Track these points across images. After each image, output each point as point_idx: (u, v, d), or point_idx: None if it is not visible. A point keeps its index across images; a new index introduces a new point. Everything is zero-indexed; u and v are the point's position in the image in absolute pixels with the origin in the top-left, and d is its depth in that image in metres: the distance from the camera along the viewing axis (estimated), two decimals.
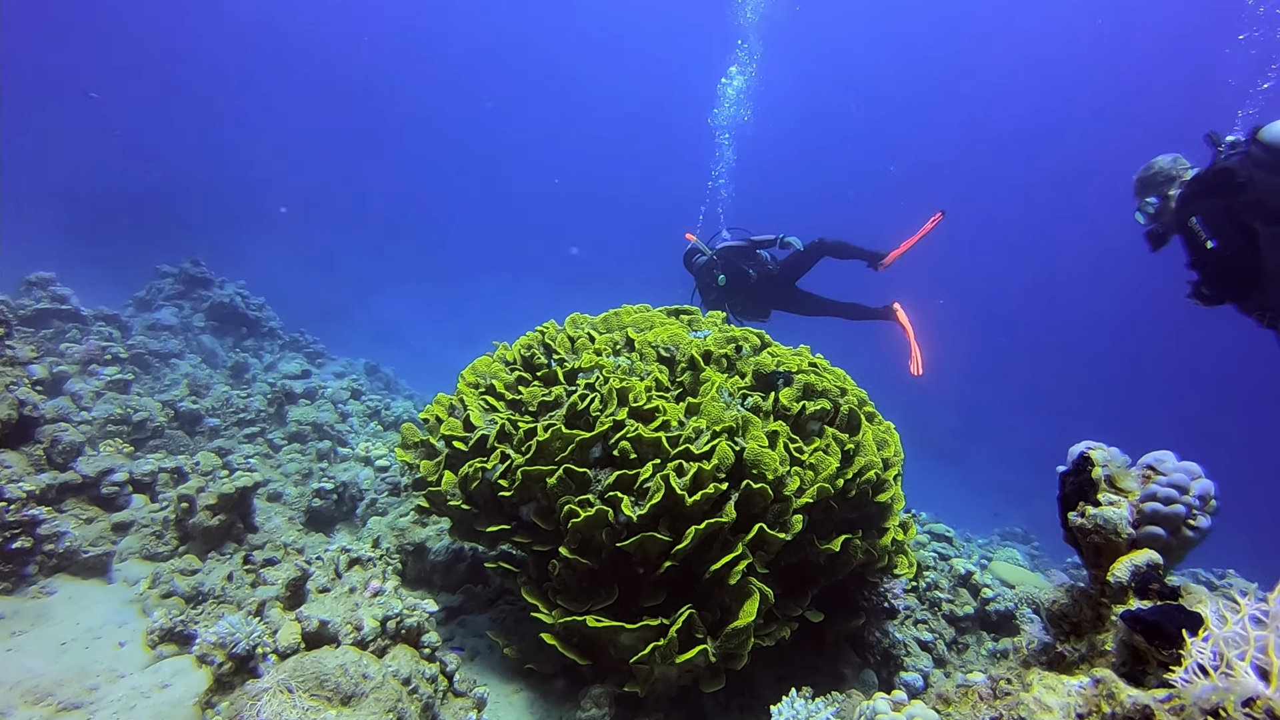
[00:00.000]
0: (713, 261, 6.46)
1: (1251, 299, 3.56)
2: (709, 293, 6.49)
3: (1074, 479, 1.39)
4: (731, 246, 6.52)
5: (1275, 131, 3.45)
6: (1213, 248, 3.47)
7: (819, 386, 3.45)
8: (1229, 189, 3.50)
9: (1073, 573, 8.00)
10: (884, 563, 3.49)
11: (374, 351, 16.24)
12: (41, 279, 7.62)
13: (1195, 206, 3.62)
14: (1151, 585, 1.22)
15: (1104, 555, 1.35)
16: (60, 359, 5.92)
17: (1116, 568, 1.28)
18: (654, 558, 2.94)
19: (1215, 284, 3.68)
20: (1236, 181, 3.46)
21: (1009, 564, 5.61)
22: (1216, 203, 3.54)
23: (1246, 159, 3.53)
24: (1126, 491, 1.36)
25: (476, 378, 3.85)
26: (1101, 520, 1.31)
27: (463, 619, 3.82)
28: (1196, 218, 3.55)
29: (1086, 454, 1.40)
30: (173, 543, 3.74)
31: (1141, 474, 1.40)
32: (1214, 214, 3.52)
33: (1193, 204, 3.66)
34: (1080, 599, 1.38)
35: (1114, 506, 1.32)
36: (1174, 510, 1.30)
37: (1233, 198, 3.48)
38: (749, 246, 6.56)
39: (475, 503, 3.33)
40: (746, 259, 6.52)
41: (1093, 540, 1.34)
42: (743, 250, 6.54)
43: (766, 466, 2.98)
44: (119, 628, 3.03)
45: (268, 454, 5.65)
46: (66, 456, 4.00)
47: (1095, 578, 1.37)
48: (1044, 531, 14.08)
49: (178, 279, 10.63)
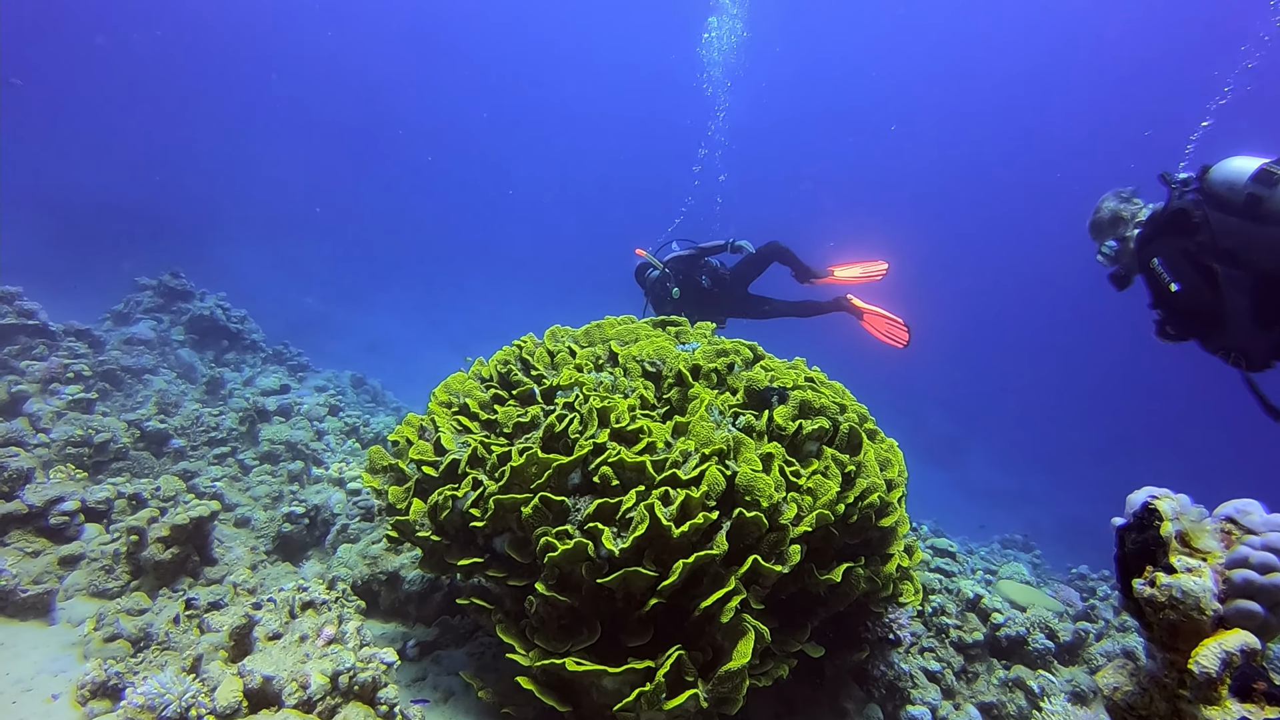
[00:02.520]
0: (665, 274, 6.37)
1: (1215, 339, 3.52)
2: (663, 306, 6.39)
3: (1137, 536, 1.13)
4: (681, 256, 6.47)
5: (1224, 171, 3.40)
6: (1177, 290, 3.43)
7: (816, 403, 3.21)
8: (1185, 230, 3.45)
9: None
10: (888, 591, 3.25)
11: (363, 363, 15.99)
12: (7, 293, 7.33)
13: (1154, 248, 3.57)
14: (1256, 685, 0.96)
15: (1181, 636, 1.09)
16: (20, 378, 5.64)
17: (1201, 655, 1.03)
18: (639, 594, 2.69)
19: (1179, 324, 3.64)
20: (1192, 222, 3.41)
21: (1016, 582, 5.38)
22: (1174, 243, 3.49)
23: (1199, 198, 3.49)
24: (1205, 553, 1.10)
25: (449, 396, 3.60)
26: (1179, 593, 1.05)
27: (437, 655, 3.56)
28: (1158, 259, 3.50)
29: (1152, 505, 1.14)
30: (124, 578, 3.47)
31: (1220, 529, 1.14)
32: (1173, 255, 3.48)
33: (1151, 245, 3.61)
34: (1151, 688, 1.11)
35: (1194, 575, 1.06)
36: (1273, 581, 1.05)
37: (1189, 238, 3.43)
38: (698, 254, 6.50)
39: (446, 533, 3.08)
40: (697, 267, 6.45)
41: (1167, 617, 1.08)
42: (692, 259, 6.47)
43: (760, 493, 2.74)
44: (54, 677, 2.75)
45: (238, 476, 5.37)
46: (12, 484, 3.73)
47: (1171, 663, 1.11)
48: (1043, 537, 13.94)
49: (157, 291, 10.34)
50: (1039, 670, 4.15)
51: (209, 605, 2.78)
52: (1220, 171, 3.43)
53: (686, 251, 6.50)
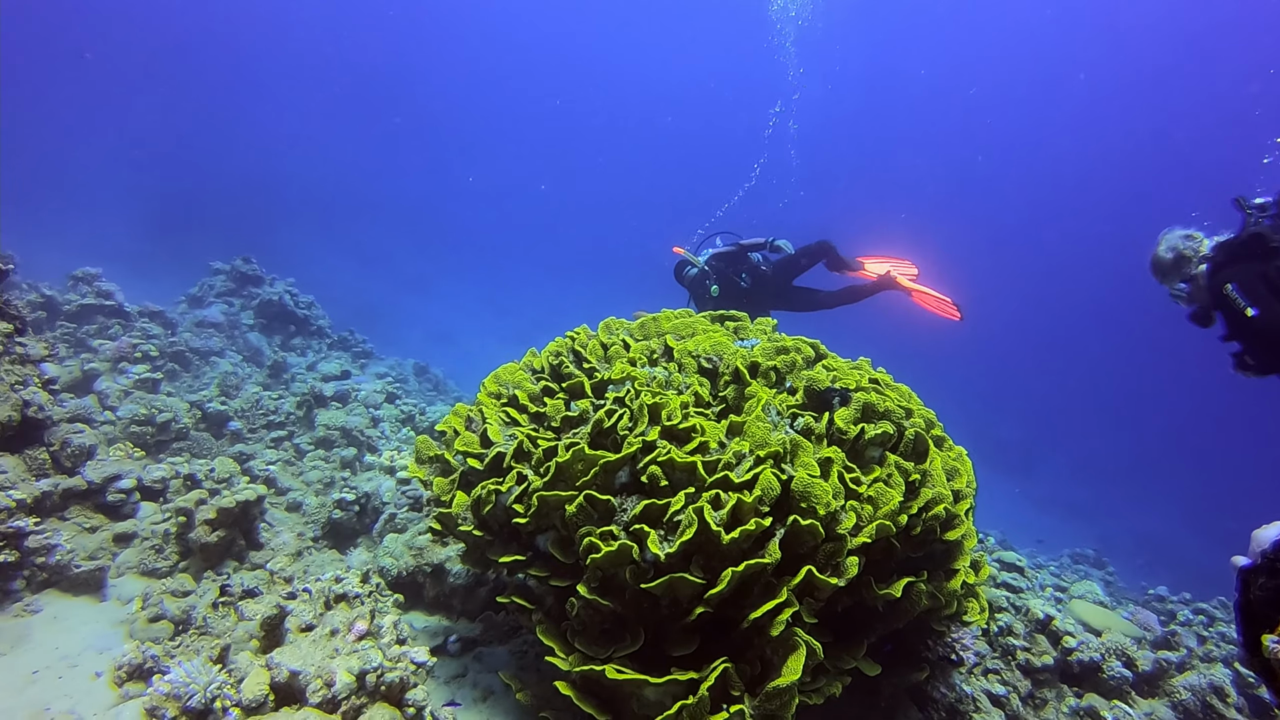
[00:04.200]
0: (704, 272, 6.27)
1: None
2: (704, 304, 6.28)
3: (1268, 581, 0.95)
4: (722, 254, 6.34)
5: None
6: (1254, 315, 3.23)
7: (880, 407, 3.02)
8: (1263, 254, 3.30)
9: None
10: (952, 609, 3.05)
11: (429, 352, 16.21)
12: (88, 274, 7.61)
13: (1228, 274, 3.40)
14: None
15: None
16: (93, 355, 5.82)
17: None
18: (685, 602, 2.57)
19: (1260, 353, 3.43)
20: (1270, 246, 3.27)
21: (1090, 603, 5.06)
22: (1250, 269, 3.32)
23: (1277, 223, 3.35)
24: None
25: (499, 387, 3.52)
26: None
27: (479, 651, 3.50)
28: (1232, 285, 3.34)
29: None
30: (173, 558, 3.50)
31: None
32: (1249, 279, 3.30)
33: (1224, 271, 3.43)
34: None
35: None
36: None
37: (1267, 263, 3.27)
38: (739, 251, 6.35)
39: (489, 528, 3.00)
40: (737, 264, 6.31)
41: None
42: (733, 256, 6.33)
43: (817, 500, 2.58)
44: (99, 655, 2.78)
45: (292, 460, 5.44)
46: (76, 460, 3.81)
47: None
48: (1115, 552, 13.27)
49: (229, 276, 10.66)
50: (1114, 701, 3.87)
51: (244, 593, 2.76)
52: None
53: (728, 248, 6.38)
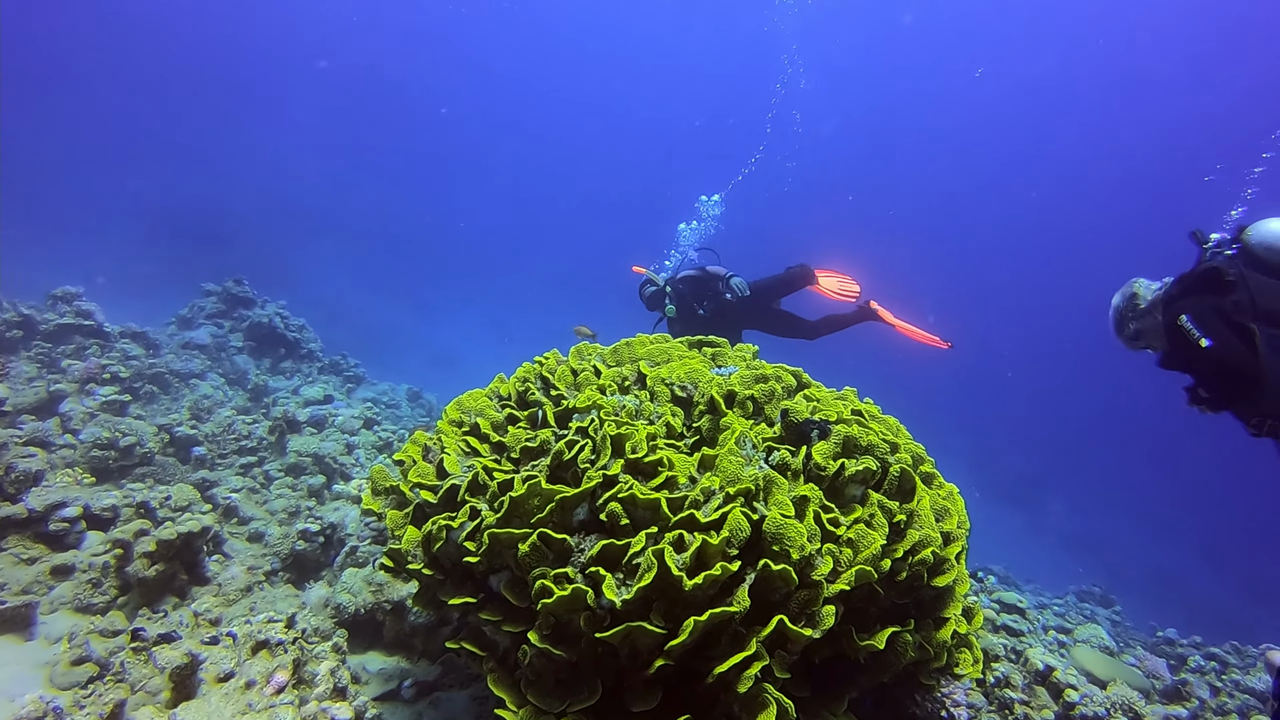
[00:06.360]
0: (662, 292, 6.13)
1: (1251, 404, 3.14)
2: (674, 327, 6.12)
3: None
4: (688, 277, 6.19)
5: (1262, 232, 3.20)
6: (1208, 346, 3.10)
7: (863, 440, 2.81)
8: (1217, 288, 3.21)
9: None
10: (942, 661, 2.81)
11: (429, 376, 16.03)
12: (67, 293, 7.47)
13: (1181, 305, 3.30)
14: None
15: None
16: (61, 376, 5.64)
17: None
18: (644, 653, 2.34)
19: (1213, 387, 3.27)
20: (1226, 280, 3.18)
21: (1094, 648, 4.78)
22: (1205, 301, 3.24)
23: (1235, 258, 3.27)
24: None
25: (461, 414, 3.32)
26: None
27: (436, 696, 3.27)
28: (1186, 316, 3.23)
29: None
30: (111, 593, 3.29)
31: None
32: (1203, 311, 3.20)
33: (1178, 304, 3.34)
34: None
35: None
36: None
37: (1222, 297, 3.18)
38: (704, 278, 6.18)
39: (440, 567, 2.78)
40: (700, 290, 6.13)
41: None
42: (699, 283, 6.16)
43: (791, 542, 2.36)
44: (9, 703, 2.56)
45: (259, 487, 5.23)
46: (20, 486, 3.62)
47: None
48: (1125, 589, 12.89)
49: (220, 297, 10.57)
50: None
51: (159, 637, 2.55)
52: (1258, 232, 3.21)
53: (690, 271, 6.25)
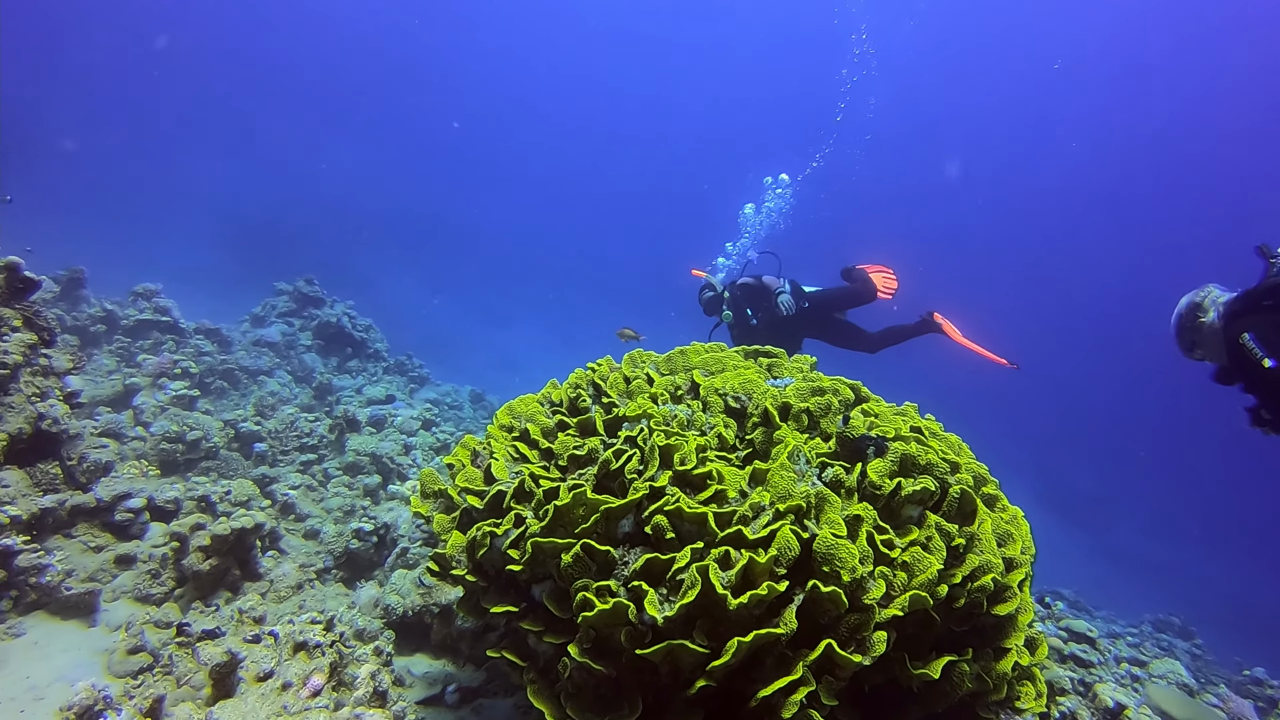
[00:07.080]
0: (719, 296, 6.13)
1: None
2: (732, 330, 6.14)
3: None
4: (745, 285, 6.16)
5: None
6: (1272, 366, 3.00)
7: (922, 459, 2.69)
8: None
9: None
10: (1001, 694, 2.66)
11: (492, 379, 16.24)
12: (147, 290, 7.80)
13: (1244, 323, 3.17)
14: None
15: None
16: (136, 371, 5.88)
17: None
18: (685, 671, 2.28)
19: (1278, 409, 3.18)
20: None
21: (1172, 686, 4.51)
22: (1269, 319, 3.11)
23: None
24: None
25: (511, 420, 3.32)
26: None
27: (480, 703, 3.25)
28: (1249, 334, 3.11)
29: None
30: (169, 584, 3.39)
31: None
32: (1267, 329, 3.09)
33: (1241, 320, 3.20)
34: None
35: None
36: None
37: None
38: (760, 287, 6.12)
39: (484, 574, 2.77)
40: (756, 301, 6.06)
41: None
42: (755, 291, 6.10)
43: (842, 564, 2.27)
44: (69, 687, 2.64)
45: (315, 485, 5.35)
46: (91, 476, 3.76)
47: None
48: (1205, 620, 12.13)
49: (292, 296, 10.90)
50: None
51: (202, 634, 2.60)
52: None
53: (749, 280, 6.20)
